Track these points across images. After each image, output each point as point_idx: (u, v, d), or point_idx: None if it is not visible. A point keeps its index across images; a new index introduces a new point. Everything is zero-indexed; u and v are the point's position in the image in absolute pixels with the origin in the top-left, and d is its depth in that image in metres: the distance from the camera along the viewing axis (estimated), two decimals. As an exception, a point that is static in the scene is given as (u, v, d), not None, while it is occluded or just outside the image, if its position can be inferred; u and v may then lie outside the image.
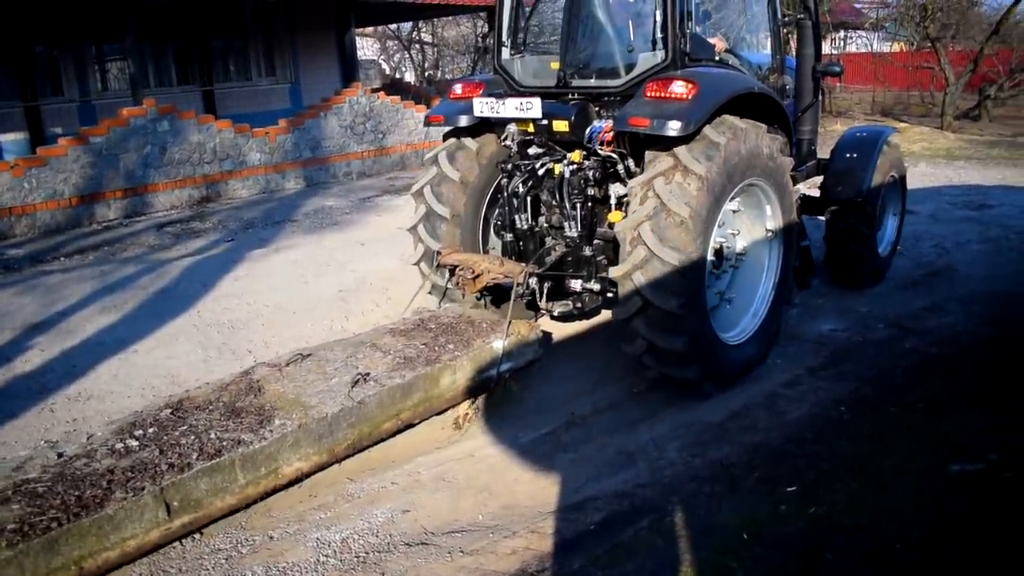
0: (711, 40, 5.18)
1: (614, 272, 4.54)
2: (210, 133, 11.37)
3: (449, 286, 5.32)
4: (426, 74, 27.93)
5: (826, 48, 19.32)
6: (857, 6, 27.49)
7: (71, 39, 12.84)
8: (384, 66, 30.55)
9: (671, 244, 4.31)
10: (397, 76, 28.94)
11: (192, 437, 3.59)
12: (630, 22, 5.05)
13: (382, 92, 13.92)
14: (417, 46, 28.66)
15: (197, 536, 3.54)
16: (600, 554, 3.37)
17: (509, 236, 5.37)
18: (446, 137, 5.58)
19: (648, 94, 4.53)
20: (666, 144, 4.45)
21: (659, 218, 4.34)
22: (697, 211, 4.34)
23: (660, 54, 4.78)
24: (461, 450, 4.34)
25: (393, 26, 27.20)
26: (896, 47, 28.08)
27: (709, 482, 3.90)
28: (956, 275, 7.13)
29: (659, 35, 4.77)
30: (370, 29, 27.64)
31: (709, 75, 4.75)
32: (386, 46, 31.50)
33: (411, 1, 14.44)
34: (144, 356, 5.77)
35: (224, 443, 3.53)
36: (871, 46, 29.08)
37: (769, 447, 4.22)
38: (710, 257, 4.70)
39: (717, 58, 5.17)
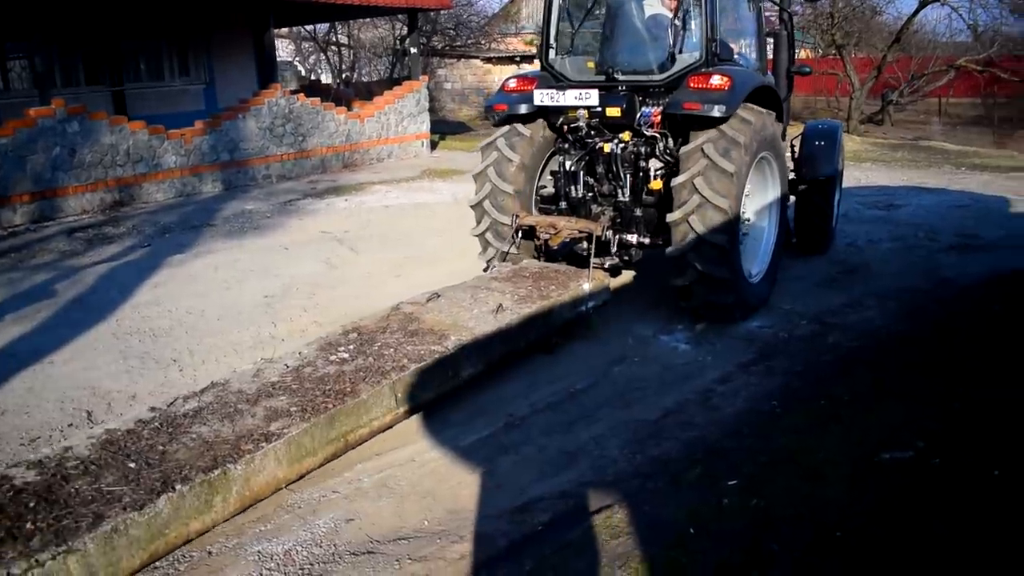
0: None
1: (671, 217, 5.62)
2: (123, 135, 10.96)
3: (513, 250, 6.38)
4: (343, 76, 27.55)
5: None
6: (766, 14, 28.27)
7: (-32, 36, 12.22)
8: (300, 68, 30.04)
9: (719, 192, 5.43)
10: (313, 78, 28.46)
11: (391, 349, 4.56)
12: (668, 30, 6.09)
13: (301, 94, 13.65)
14: (334, 48, 28.22)
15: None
16: (549, 554, 3.36)
17: (564, 204, 6.45)
18: (497, 124, 6.55)
19: (692, 85, 5.65)
20: (705, 124, 5.59)
21: (709, 173, 5.47)
22: (738, 168, 5.49)
23: (696, 55, 5.92)
24: (402, 455, 4.28)
25: (309, 27, 26.72)
26: (803, 53, 29.03)
27: (652, 479, 3.94)
28: (871, 272, 7.42)
29: (695, 40, 5.93)
30: (285, 30, 27.09)
31: (737, 72, 5.86)
32: (301, 47, 30.96)
33: (332, 2, 14.16)
34: (61, 367, 5.51)
35: (422, 353, 4.49)
36: (779, 52, 29.92)
37: (707, 442, 4.30)
38: None
39: (733, 59, 6.23)
